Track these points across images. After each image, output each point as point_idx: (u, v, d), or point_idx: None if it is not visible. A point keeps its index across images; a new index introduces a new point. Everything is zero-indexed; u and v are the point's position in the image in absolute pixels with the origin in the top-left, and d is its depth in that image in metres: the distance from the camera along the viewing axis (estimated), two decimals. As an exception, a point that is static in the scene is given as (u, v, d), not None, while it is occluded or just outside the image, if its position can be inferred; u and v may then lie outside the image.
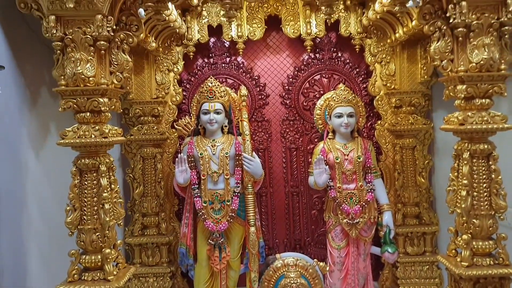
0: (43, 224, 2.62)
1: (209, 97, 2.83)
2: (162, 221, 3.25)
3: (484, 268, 2.26)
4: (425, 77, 3.12)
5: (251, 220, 2.81)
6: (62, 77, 2.21)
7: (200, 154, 2.81)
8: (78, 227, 2.27)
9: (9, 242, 2.34)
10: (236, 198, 2.80)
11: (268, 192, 3.58)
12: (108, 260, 2.26)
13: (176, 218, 3.37)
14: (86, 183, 2.27)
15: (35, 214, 2.55)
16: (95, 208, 2.27)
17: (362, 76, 3.49)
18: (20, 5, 2.26)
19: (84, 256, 2.27)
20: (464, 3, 2.19)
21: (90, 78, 2.19)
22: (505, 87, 2.27)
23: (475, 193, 2.31)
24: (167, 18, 2.65)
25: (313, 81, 3.54)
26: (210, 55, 3.46)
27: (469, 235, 2.32)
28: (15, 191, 2.43)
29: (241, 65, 3.48)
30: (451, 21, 2.25)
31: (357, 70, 3.46)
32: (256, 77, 3.53)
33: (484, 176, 2.31)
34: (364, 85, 3.47)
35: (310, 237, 3.59)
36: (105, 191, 2.27)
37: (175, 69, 3.30)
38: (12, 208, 2.39)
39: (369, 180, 2.82)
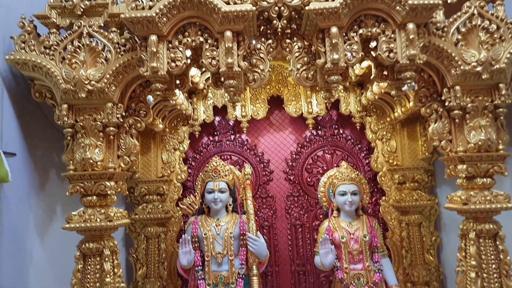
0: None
1: (214, 176, 2.87)
2: (165, 304, 3.16)
3: None
4: (426, 153, 3.17)
5: (257, 304, 2.73)
6: (71, 161, 2.28)
7: (204, 234, 2.80)
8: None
9: None
10: (240, 280, 2.74)
11: (273, 271, 3.50)
12: None
13: (179, 300, 3.27)
14: (89, 267, 2.26)
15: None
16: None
17: (365, 152, 3.55)
18: (35, 95, 2.39)
19: None
20: (458, 87, 2.29)
21: (98, 163, 2.26)
22: (505, 166, 2.30)
23: (484, 275, 2.26)
24: (174, 102, 2.77)
25: (316, 157, 3.60)
26: (215, 133, 3.56)
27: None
28: (19, 280, 2.39)
29: (245, 143, 3.57)
30: (446, 103, 2.34)
31: (359, 146, 3.53)
32: (260, 154, 3.59)
33: (492, 257, 2.27)
34: (367, 161, 3.51)
35: (318, 319, 3.46)
36: (108, 276, 2.24)
37: (181, 148, 3.38)
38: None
39: (376, 260, 2.77)
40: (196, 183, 3.03)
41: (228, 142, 3.56)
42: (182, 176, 3.36)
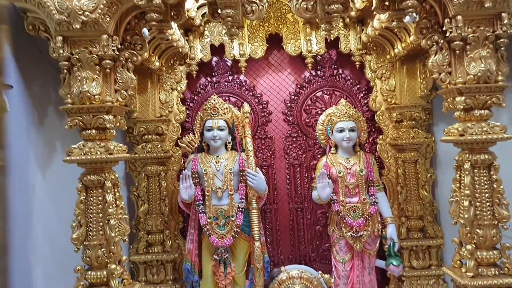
0: (49, 245, 2.63)
1: (212, 114, 2.88)
2: (167, 239, 3.26)
3: (490, 278, 2.25)
4: (425, 91, 3.16)
5: (256, 235, 2.82)
6: (69, 95, 2.27)
7: (204, 171, 2.84)
8: (84, 243, 2.29)
9: (16, 264, 2.35)
10: (240, 213, 2.81)
11: (272, 209, 3.59)
12: (114, 276, 2.27)
13: (181, 235, 3.37)
14: (91, 199, 2.30)
15: (40, 236, 2.57)
16: (101, 224, 2.30)
17: (363, 92, 3.54)
18: (29, 27, 2.34)
19: (89, 272, 2.29)
20: (459, 17, 2.25)
21: (96, 96, 2.25)
22: (503, 98, 2.30)
23: (477, 203, 2.32)
24: (170, 38, 2.72)
25: (315, 98, 3.60)
26: (213, 73, 3.53)
27: (473, 245, 2.32)
28: (23, 213, 2.45)
29: (244, 83, 3.54)
30: (447, 35, 2.31)
31: (358, 86, 3.51)
32: (258, 95, 3.58)
33: (486, 186, 2.32)
34: (365, 101, 3.51)
35: (315, 253, 3.58)
36: (111, 207, 2.29)
37: (178, 88, 3.37)
38: (19, 230, 2.42)
39: (372, 193, 2.83)
40: (195, 122, 3.04)
41: (226, 83, 3.54)
42: (180, 116, 3.37)
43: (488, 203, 2.32)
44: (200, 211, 2.80)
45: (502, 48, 2.31)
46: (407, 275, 3.18)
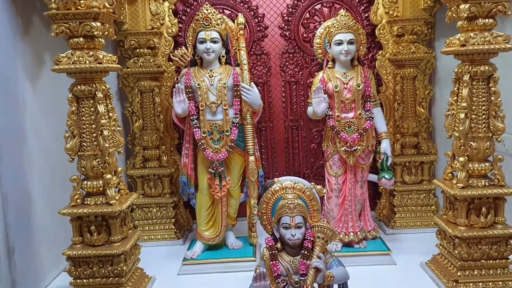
0: (43, 156, 2.65)
1: (205, 25, 2.75)
2: (163, 154, 3.28)
3: (479, 189, 2.29)
4: (428, 2, 3.01)
5: (250, 150, 2.83)
6: (53, 0, 2.15)
7: (198, 85, 2.78)
8: (78, 153, 2.29)
9: (12, 176, 2.38)
10: (235, 128, 2.79)
11: (267, 127, 3.59)
12: (110, 185, 2.30)
13: (176, 151, 3.40)
14: (83, 110, 2.27)
15: (35, 147, 2.57)
16: (94, 135, 2.29)
17: (364, 5, 3.40)
18: None
19: (85, 182, 2.32)
20: None
21: (81, 1, 2.13)
22: (510, 5, 2.19)
23: (473, 116, 2.30)
24: None
25: (313, 11, 3.45)
26: (206, -16, 3.34)
27: (466, 158, 2.34)
28: (15, 127, 2.43)
29: (239, -5, 3.37)
30: None
31: (359, -2, 3.36)
32: (254, 7, 3.43)
33: (483, 99, 2.29)
34: (366, 14, 3.38)
35: (309, 170, 3.64)
36: (103, 118, 2.27)
37: (170, -1, 3.20)
38: (12, 143, 2.41)
39: (368, 108, 2.80)
40: (187, 34, 2.91)
41: (220, -5, 3.37)
42: (172, 29, 3.25)
43: (484, 116, 2.30)
44: (195, 125, 2.78)
45: (512, -49, 2.16)
46: (398, 190, 3.26)
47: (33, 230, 2.53)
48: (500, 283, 2.31)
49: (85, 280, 2.31)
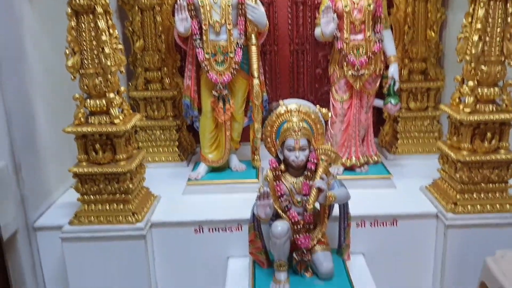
0: (45, 75, 2.60)
1: None
2: (165, 76, 3.22)
3: (486, 114, 2.28)
4: None
5: (255, 72, 2.77)
6: None
7: (201, 2, 2.65)
8: (80, 71, 2.24)
9: (14, 94, 2.34)
10: (239, 50, 2.71)
11: (272, 50, 3.50)
12: (113, 104, 2.28)
13: (179, 73, 3.34)
14: (83, 25, 2.19)
15: (35, 65, 2.52)
16: (95, 52, 2.23)
17: None
18: None
19: (88, 101, 2.29)
20: None
21: None
22: None
23: (487, 38, 2.22)
24: None
25: None
26: None
27: (475, 82, 2.29)
28: (13, 44, 2.35)
29: None
30: None
31: None
32: None
33: (499, 20, 2.19)
34: None
35: (313, 96, 3.60)
36: (104, 34, 2.19)
37: None
38: (12, 60, 2.35)
39: (377, 30, 2.69)
40: None
41: None
42: None
43: (498, 39, 2.22)
44: (198, 46, 2.70)
45: None
46: (402, 116, 3.25)
47: (38, 147, 2.55)
48: (497, 205, 2.38)
49: (92, 197, 2.37)
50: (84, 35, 2.20)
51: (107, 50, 2.21)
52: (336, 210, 2.27)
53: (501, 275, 1.80)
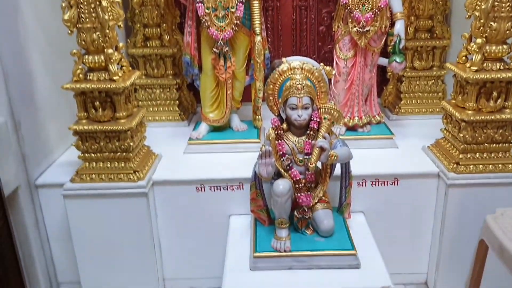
0: (41, 29, 2.52)
1: None
2: (164, 33, 3.14)
3: (493, 72, 2.23)
4: None
5: (257, 29, 2.69)
6: None
7: (201, -46, 2.55)
8: (77, 26, 2.18)
9: (10, 50, 2.28)
10: (241, 4, 2.62)
11: (274, 6, 3.40)
12: (112, 60, 2.23)
13: (178, 30, 3.25)
14: (80, -17, 2.11)
15: (31, 18, 2.44)
16: (92, 5, 2.14)
17: None
18: None
19: (86, 57, 2.24)
20: None
21: None
22: None
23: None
24: None
25: None
26: None
27: (484, 39, 2.23)
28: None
29: None
30: None
31: None
32: None
33: (512, -27, 2.11)
34: None
35: (316, 54, 3.53)
36: (103, -4, 2.11)
37: None
38: (6, 14, 2.27)
39: (384, -16, 2.59)
40: None
41: None
42: None
43: (510, -7, 2.14)
44: (198, 0, 2.61)
45: None
46: (407, 76, 3.19)
47: (37, 105, 2.51)
48: (500, 165, 2.37)
49: (93, 154, 2.35)
50: (81, -8, 2.12)
51: (104, 3, 2.13)
52: (337, 169, 2.26)
53: (500, 232, 1.81)
